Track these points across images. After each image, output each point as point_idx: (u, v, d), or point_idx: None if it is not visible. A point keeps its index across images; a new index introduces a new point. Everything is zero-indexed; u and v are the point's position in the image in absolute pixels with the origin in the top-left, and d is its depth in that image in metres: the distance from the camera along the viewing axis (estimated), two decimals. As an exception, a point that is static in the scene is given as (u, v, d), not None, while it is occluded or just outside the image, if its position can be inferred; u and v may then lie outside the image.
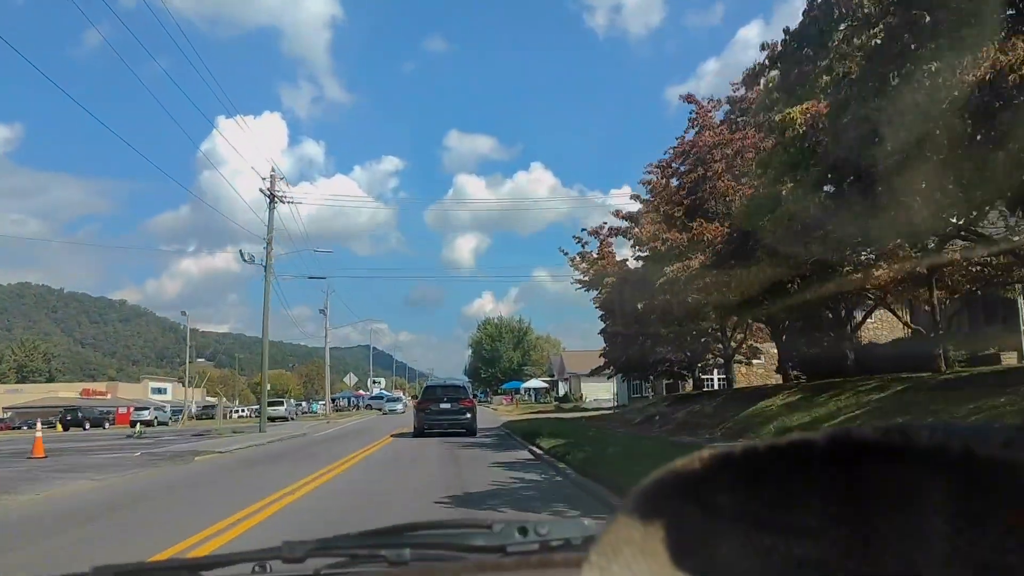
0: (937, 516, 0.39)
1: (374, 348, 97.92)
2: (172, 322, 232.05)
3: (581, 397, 57.17)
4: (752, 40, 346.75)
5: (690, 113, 21.22)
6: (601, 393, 54.23)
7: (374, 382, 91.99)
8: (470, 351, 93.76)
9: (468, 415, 21.15)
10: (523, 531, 1.10)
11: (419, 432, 20.73)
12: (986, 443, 0.37)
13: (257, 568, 1.22)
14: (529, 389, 72.10)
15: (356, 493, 9.31)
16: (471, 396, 24.31)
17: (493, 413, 45.79)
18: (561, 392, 66.66)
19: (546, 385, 71.06)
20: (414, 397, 78.95)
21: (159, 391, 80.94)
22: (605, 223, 24.73)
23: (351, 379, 61.89)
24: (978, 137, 8.32)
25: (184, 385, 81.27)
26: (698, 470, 0.45)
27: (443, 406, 21.12)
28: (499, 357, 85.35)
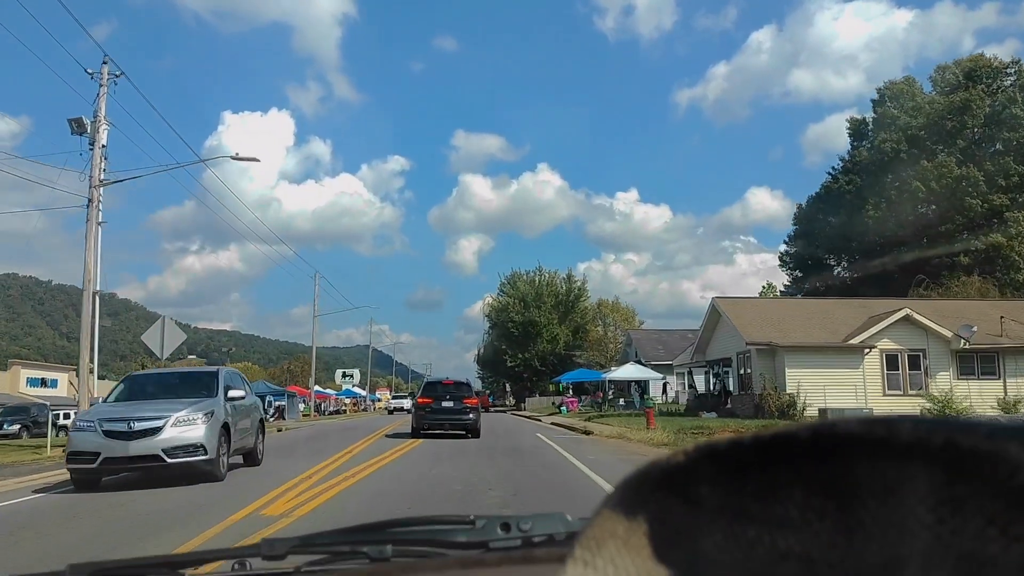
0: (920, 507, 0.39)
1: (373, 348, 68.47)
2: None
3: (796, 404, 24.32)
4: (764, 44, 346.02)
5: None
6: (845, 397, 24.01)
7: (345, 375, 63.53)
8: (486, 327, 63.31)
9: (471, 415, 19.25)
10: (506, 527, 1.10)
11: (416, 432, 19.13)
12: (969, 435, 0.37)
13: (237, 566, 1.21)
14: (615, 382, 39.81)
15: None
16: (475, 394, 21.45)
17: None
18: (684, 391, 37.25)
19: (644, 377, 38.79)
20: (401, 397, 64.94)
21: (41, 383, 52.49)
22: None
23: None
24: None
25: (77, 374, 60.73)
26: (682, 463, 0.45)
27: (444, 404, 19.31)
28: (537, 334, 53.14)
